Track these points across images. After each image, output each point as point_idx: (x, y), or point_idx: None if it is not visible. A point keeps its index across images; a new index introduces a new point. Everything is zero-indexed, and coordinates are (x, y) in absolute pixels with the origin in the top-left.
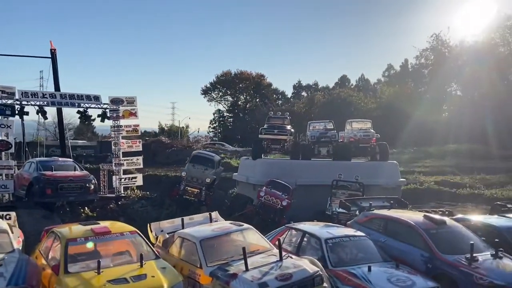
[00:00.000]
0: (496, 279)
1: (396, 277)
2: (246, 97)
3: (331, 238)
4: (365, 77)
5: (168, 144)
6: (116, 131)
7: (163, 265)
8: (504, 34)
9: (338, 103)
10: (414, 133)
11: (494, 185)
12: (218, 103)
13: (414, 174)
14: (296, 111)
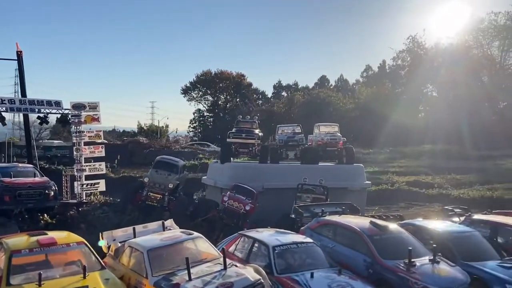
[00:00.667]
0: (430, 283)
1: (337, 283)
2: (226, 97)
3: (278, 245)
4: (344, 78)
5: (146, 145)
6: (78, 136)
7: (107, 276)
8: (477, 37)
9: (317, 103)
10: (391, 134)
11: (464, 185)
12: (198, 102)
13: (388, 174)
14: (276, 111)
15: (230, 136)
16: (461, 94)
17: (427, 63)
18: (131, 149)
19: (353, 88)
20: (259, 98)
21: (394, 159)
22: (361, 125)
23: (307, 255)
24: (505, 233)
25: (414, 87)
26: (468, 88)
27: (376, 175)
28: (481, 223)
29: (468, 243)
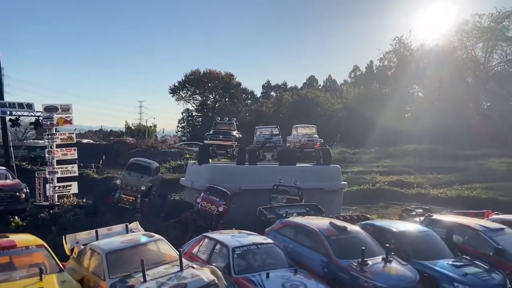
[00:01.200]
0: (380, 281)
1: (291, 282)
2: (215, 97)
3: (238, 246)
4: (332, 78)
5: (132, 145)
6: (50, 139)
7: (64, 278)
8: (462, 38)
9: (305, 103)
10: (378, 133)
11: (444, 184)
12: (187, 102)
13: (372, 174)
14: (265, 111)
15: (207, 137)
16: (446, 95)
17: (413, 64)
18: (116, 149)
19: (341, 88)
20: (248, 98)
21: (380, 159)
22: (349, 125)
23: (267, 255)
24: (460, 232)
25: (401, 87)
26: (453, 88)
27: (360, 175)
28: (439, 223)
29: (423, 242)
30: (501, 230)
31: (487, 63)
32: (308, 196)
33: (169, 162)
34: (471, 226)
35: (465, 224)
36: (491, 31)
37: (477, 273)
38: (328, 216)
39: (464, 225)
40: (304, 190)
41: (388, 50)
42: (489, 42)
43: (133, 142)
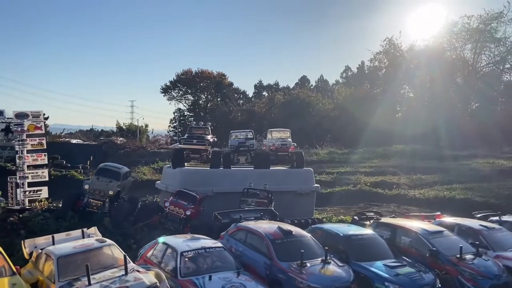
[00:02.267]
0: (314, 282)
1: (231, 284)
2: (207, 96)
3: (187, 250)
4: (324, 78)
5: (121, 145)
6: (21, 145)
7: (16, 281)
8: (451, 40)
9: (297, 103)
10: (369, 134)
11: (426, 185)
12: (179, 102)
13: (356, 174)
14: (257, 111)
15: (181, 142)
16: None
17: (403, 64)
18: (105, 150)
19: (333, 88)
20: (240, 98)
21: (368, 159)
22: (340, 125)
23: (216, 259)
24: (402, 235)
25: (392, 88)
26: (443, 89)
27: (346, 175)
28: (385, 226)
29: (365, 245)
30: (440, 232)
31: (476, 64)
32: (280, 199)
33: (157, 162)
34: (411, 229)
35: (407, 227)
36: (479, 32)
37: (409, 273)
38: (283, 220)
39: (406, 228)
40: (277, 193)
41: (379, 51)
42: (477, 43)
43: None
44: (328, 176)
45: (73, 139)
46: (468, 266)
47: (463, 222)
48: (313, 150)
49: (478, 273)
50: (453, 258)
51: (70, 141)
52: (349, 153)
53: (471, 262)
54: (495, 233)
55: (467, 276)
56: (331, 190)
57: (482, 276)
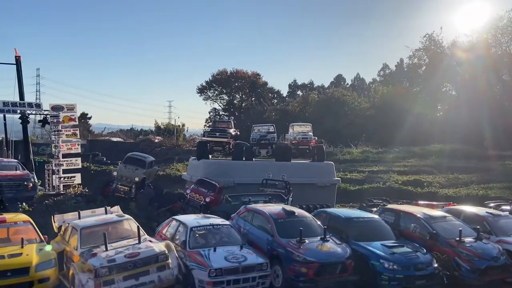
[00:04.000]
0: (309, 256)
1: (233, 255)
2: (241, 96)
3: (196, 226)
4: (360, 77)
5: (157, 143)
6: (57, 135)
7: (42, 247)
8: (496, 35)
9: (331, 102)
10: (406, 133)
11: (462, 184)
12: (214, 101)
13: (389, 173)
14: (291, 110)
15: (205, 135)
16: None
17: (445, 61)
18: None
19: (370, 87)
20: (274, 97)
21: (403, 159)
22: (375, 124)
23: (223, 235)
24: (405, 219)
25: (432, 85)
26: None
27: (378, 174)
28: (390, 211)
29: (366, 227)
30: (443, 217)
31: None
32: (301, 191)
33: None
34: (413, 214)
35: (410, 212)
36: None
37: (405, 252)
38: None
39: (409, 213)
40: (297, 185)
41: (418, 48)
42: None
43: (159, 141)
44: (360, 175)
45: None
46: (465, 248)
47: (470, 209)
48: (346, 149)
49: (475, 255)
50: (452, 240)
51: (111, 139)
52: (383, 152)
53: (469, 245)
54: (500, 219)
55: (464, 257)
56: (359, 187)
57: (479, 257)
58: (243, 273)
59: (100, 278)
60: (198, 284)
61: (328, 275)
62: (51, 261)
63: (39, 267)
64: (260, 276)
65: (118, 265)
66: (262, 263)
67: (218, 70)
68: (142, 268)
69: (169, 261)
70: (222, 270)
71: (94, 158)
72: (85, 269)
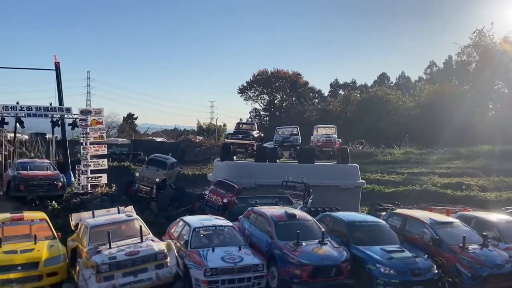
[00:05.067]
0: (304, 259)
1: (230, 255)
2: (282, 96)
3: (199, 227)
4: (405, 75)
5: (197, 143)
6: (85, 137)
7: (54, 243)
8: None
9: (374, 101)
10: (453, 133)
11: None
12: (255, 101)
13: (430, 175)
14: (332, 110)
15: (228, 137)
16: None
17: (496, 58)
18: (183, 147)
19: (415, 85)
20: (315, 97)
21: (447, 160)
22: (420, 124)
23: (225, 235)
24: (411, 224)
25: (483, 83)
26: None
27: (418, 175)
28: (397, 216)
29: (368, 231)
30: (449, 223)
31: None
32: (324, 194)
33: None
34: (419, 219)
35: (416, 217)
36: None
37: (404, 257)
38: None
39: (415, 218)
40: (320, 187)
41: (467, 44)
42: None
43: (199, 141)
44: (398, 176)
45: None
46: (468, 255)
47: (481, 215)
48: (387, 150)
49: (477, 262)
50: (455, 247)
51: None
52: (427, 154)
53: (472, 252)
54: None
55: (465, 263)
56: (394, 190)
57: (481, 265)
58: (238, 273)
59: (101, 274)
60: (194, 283)
61: (322, 278)
62: (60, 257)
63: (48, 262)
64: (256, 277)
65: (118, 262)
66: (258, 264)
67: (259, 70)
68: (141, 266)
69: (167, 259)
70: (218, 270)
71: (136, 157)
72: (88, 265)
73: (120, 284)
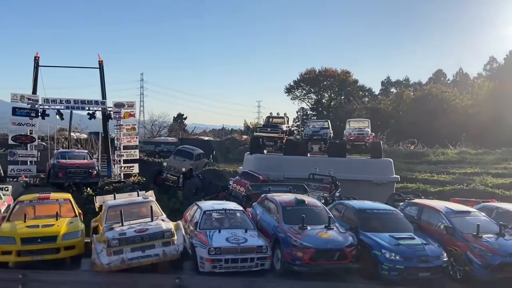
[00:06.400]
0: (306, 242)
1: (235, 237)
2: (330, 95)
3: (209, 210)
4: (463, 72)
5: (241, 141)
6: (118, 129)
7: (74, 221)
8: None
9: (428, 99)
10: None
11: None
12: (302, 101)
13: (483, 175)
14: (382, 108)
15: (257, 130)
16: None
17: None
18: (227, 145)
19: (474, 82)
20: (365, 95)
21: (504, 161)
22: (478, 123)
23: (234, 219)
24: (427, 213)
25: None
26: None
27: (470, 176)
28: (414, 205)
29: (379, 218)
30: (466, 213)
31: None
32: (355, 188)
33: None
34: (435, 208)
35: (432, 206)
36: None
37: (412, 244)
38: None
39: (431, 207)
40: (351, 182)
41: None
42: None
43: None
44: (448, 176)
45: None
46: (481, 244)
47: (504, 206)
48: (440, 150)
49: (489, 250)
50: (468, 235)
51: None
52: (483, 154)
53: (486, 240)
54: None
55: (477, 252)
56: (440, 189)
57: (493, 253)
58: (241, 253)
59: (111, 248)
60: (199, 261)
61: (325, 261)
62: (78, 232)
63: (65, 236)
64: (259, 258)
65: (127, 238)
66: (262, 245)
67: (306, 69)
68: (148, 242)
69: (174, 238)
70: (221, 249)
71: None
72: (101, 240)
73: (129, 258)
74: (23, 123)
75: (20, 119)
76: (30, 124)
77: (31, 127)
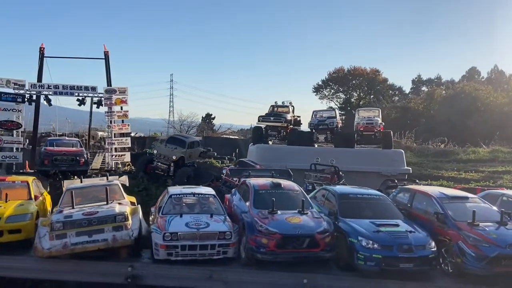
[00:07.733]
0: (273, 227)
1: (197, 222)
2: (359, 94)
3: (176, 193)
4: (499, 69)
5: None
6: (109, 115)
7: (25, 203)
8: None
9: (461, 98)
10: None
11: None
12: (330, 100)
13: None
14: (413, 107)
15: (259, 119)
16: None
17: None
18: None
19: (510, 80)
20: (395, 94)
21: None
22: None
23: (204, 204)
24: (419, 199)
25: None
26: None
27: (500, 174)
28: (406, 191)
29: (363, 204)
30: (463, 198)
31: None
32: (362, 179)
33: None
34: (427, 193)
35: (424, 191)
36: None
37: (394, 231)
38: None
39: (423, 192)
40: (358, 173)
41: None
42: None
43: None
44: (477, 174)
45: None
46: (475, 232)
47: (510, 193)
48: (471, 149)
49: (485, 240)
50: (461, 223)
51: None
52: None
53: (482, 229)
54: None
55: (470, 242)
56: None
57: (489, 244)
58: (201, 239)
59: (54, 232)
60: (154, 248)
61: (292, 249)
62: (26, 215)
63: (10, 219)
64: (221, 245)
65: (73, 221)
66: (225, 231)
67: (335, 68)
68: (96, 226)
69: (128, 222)
70: (178, 235)
71: (206, 153)
72: (46, 223)
73: (72, 243)
74: (9, 108)
75: (5, 104)
76: (17, 109)
77: (17, 112)
